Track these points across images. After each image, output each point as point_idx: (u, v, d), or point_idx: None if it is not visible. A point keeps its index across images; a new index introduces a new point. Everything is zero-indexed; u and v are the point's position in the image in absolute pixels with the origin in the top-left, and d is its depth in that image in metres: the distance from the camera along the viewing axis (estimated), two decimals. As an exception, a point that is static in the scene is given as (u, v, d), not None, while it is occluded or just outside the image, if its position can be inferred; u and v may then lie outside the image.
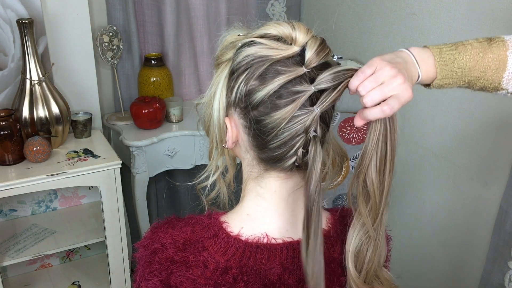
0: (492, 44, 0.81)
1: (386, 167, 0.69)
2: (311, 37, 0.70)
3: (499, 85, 0.82)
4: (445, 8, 1.67)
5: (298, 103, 0.67)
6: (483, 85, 0.82)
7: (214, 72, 0.76)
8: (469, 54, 0.79)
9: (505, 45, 0.81)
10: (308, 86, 0.67)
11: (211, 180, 0.82)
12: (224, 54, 0.75)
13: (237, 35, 0.74)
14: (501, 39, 0.82)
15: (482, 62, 0.79)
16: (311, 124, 0.68)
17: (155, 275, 0.73)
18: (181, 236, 0.74)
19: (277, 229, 0.75)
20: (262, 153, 0.73)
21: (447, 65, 0.78)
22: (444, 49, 0.78)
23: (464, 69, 0.79)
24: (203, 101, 0.78)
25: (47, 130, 1.75)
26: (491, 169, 1.61)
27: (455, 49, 0.79)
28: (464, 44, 0.81)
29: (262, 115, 0.69)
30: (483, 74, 0.80)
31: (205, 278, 0.72)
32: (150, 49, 2.19)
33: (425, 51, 0.77)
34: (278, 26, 0.71)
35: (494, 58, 0.80)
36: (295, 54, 0.69)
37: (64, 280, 2.04)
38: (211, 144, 0.80)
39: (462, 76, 0.79)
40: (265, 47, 0.69)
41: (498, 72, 0.80)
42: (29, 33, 1.66)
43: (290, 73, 0.67)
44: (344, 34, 2.18)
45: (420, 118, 1.82)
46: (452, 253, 1.82)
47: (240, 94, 0.70)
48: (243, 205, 0.78)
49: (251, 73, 0.69)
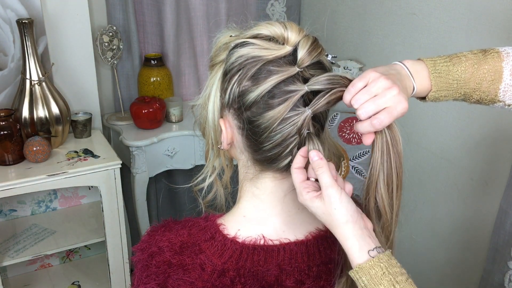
0: (486, 55, 0.80)
1: (393, 182, 0.68)
2: (303, 37, 0.70)
3: (496, 97, 0.81)
4: (445, 8, 1.66)
5: (290, 102, 0.67)
6: (479, 97, 0.80)
7: (209, 73, 0.77)
8: (464, 65, 0.78)
9: (500, 56, 0.80)
10: (301, 86, 0.67)
11: (208, 182, 0.82)
12: (217, 55, 0.75)
13: (230, 36, 0.74)
14: (495, 50, 0.81)
15: (477, 73, 0.78)
16: (302, 125, 0.68)
17: (152, 279, 0.73)
18: (178, 239, 0.74)
19: (274, 230, 0.75)
20: (257, 154, 0.73)
21: (442, 77, 0.76)
22: (438, 61, 0.77)
23: (459, 80, 0.78)
24: (199, 102, 0.78)
25: (47, 130, 1.75)
26: (491, 169, 1.61)
27: (449, 61, 0.78)
28: (458, 56, 0.79)
29: (255, 115, 0.69)
30: (479, 86, 0.79)
31: (202, 281, 0.71)
32: (150, 49, 2.19)
33: (419, 63, 0.76)
34: (270, 26, 0.71)
35: (489, 69, 0.79)
36: (287, 54, 0.69)
37: (64, 280, 2.04)
38: (207, 145, 0.80)
39: (457, 88, 0.78)
40: (258, 47, 0.69)
41: (494, 84, 0.79)
42: (29, 33, 1.66)
43: (282, 73, 0.67)
44: (344, 34, 2.18)
45: (421, 119, 1.82)
46: (452, 253, 1.82)
47: (234, 95, 0.70)
48: (239, 207, 0.78)
49: (243, 73, 0.69)
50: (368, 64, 2.04)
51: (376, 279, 0.61)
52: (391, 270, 0.62)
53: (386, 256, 0.63)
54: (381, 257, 0.62)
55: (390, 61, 0.76)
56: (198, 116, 0.79)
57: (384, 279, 0.61)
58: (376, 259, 0.62)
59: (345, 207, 0.64)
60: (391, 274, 0.61)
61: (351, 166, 1.97)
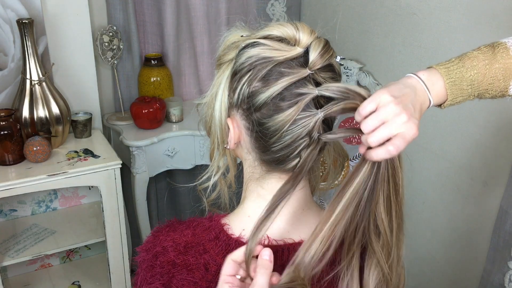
0: (496, 53, 0.79)
1: (392, 207, 0.67)
2: (315, 39, 0.69)
3: (506, 92, 0.80)
4: (445, 8, 1.66)
5: (301, 105, 0.66)
6: (491, 96, 0.80)
7: (216, 72, 0.75)
8: (476, 68, 0.77)
9: (509, 52, 0.79)
10: (312, 89, 0.66)
11: (213, 181, 0.81)
12: (226, 54, 0.74)
13: (240, 36, 0.73)
14: (503, 45, 0.80)
15: (489, 74, 0.77)
16: (313, 127, 0.67)
17: (156, 279, 0.73)
18: (182, 239, 0.74)
19: (278, 230, 0.75)
20: (265, 155, 0.72)
21: (457, 84, 0.75)
22: (451, 67, 0.76)
23: (473, 85, 0.77)
24: (204, 101, 0.77)
25: (47, 130, 1.75)
26: (491, 169, 1.61)
27: (462, 66, 0.76)
28: (470, 57, 0.78)
29: (264, 117, 0.68)
30: (491, 86, 0.78)
31: (206, 281, 0.71)
32: (150, 49, 2.19)
33: (434, 73, 0.74)
34: (282, 27, 0.70)
35: (500, 68, 0.78)
36: (298, 55, 0.68)
37: (64, 280, 2.04)
38: (212, 144, 0.79)
39: (471, 92, 0.77)
40: (268, 48, 0.68)
41: (506, 81, 0.79)
42: (29, 33, 1.66)
43: (293, 75, 0.66)
44: (344, 34, 2.18)
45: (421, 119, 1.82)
46: (452, 253, 1.82)
47: (243, 95, 0.69)
48: (244, 207, 0.77)
49: (254, 74, 0.68)
50: (368, 64, 2.05)
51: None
52: None
53: None
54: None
55: (390, 61, 0.76)
56: (204, 115, 0.78)
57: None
58: None
59: None
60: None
61: (351, 166, 1.97)
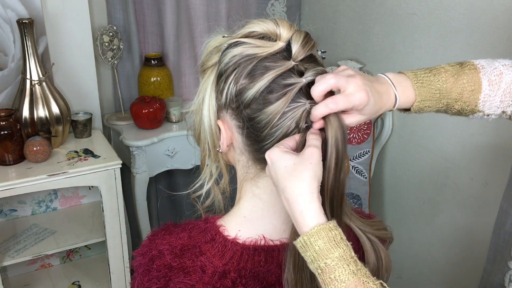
0: (463, 67, 0.82)
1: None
2: (295, 31, 0.71)
3: (476, 107, 0.82)
4: (445, 8, 1.66)
5: (290, 95, 0.68)
6: (460, 108, 0.82)
7: (200, 79, 0.76)
8: (444, 76, 0.80)
9: (477, 68, 0.82)
10: (299, 79, 0.69)
11: (206, 188, 0.82)
12: (209, 59, 0.75)
13: (222, 37, 0.75)
14: (471, 63, 0.83)
15: (457, 83, 0.80)
16: (301, 117, 0.69)
17: (153, 283, 0.73)
18: (178, 242, 0.74)
19: (274, 229, 0.75)
20: (258, 153, 0.73)
21: (425, 87, 0.78)
22: (419, 72, 0.79)
23: (441, 90, 0.79)
24: (191, 109, 0.78)
25: (47, 130, 1.75)
26: (491, 169, 1.61)
27: (429, 72, 0.79)
28: (437, 68, 0.81)
29: (254, 112, 0.69)
30: (460, 96, 0.80)
31: (203, 283, 0.71)
32: (150, 49, 2.19)
33: (400, 75, 0.78)
34: (262, 24, 0.71)
35: (468, 80, 0.80)
36: (281, 49, 0.70)
37: (64, 280, 2.04)
38: (203, 152, 0.80)
39: (440, 98, 0.79)
40: (251, 46, 0.70)
41: (475, 94, 0.81)
42: (29, 33, 1.66)
43: (279, 68, 0.68)
44: (344, 34, 2.18)
45: (421, 119, 1.82)
46: (452, 253, 1.82)
47: (231, 94, 0.70)
48: (239, 207, 0.77)
49: (239, 72, 0.69)
50: (368, 64, 2.04)
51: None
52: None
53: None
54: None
55: (390, 61, 0.77)
56: (192, 123, 0.79)
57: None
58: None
59: (321, 169, 0.64)
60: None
61: (351, 166, 1.97)
